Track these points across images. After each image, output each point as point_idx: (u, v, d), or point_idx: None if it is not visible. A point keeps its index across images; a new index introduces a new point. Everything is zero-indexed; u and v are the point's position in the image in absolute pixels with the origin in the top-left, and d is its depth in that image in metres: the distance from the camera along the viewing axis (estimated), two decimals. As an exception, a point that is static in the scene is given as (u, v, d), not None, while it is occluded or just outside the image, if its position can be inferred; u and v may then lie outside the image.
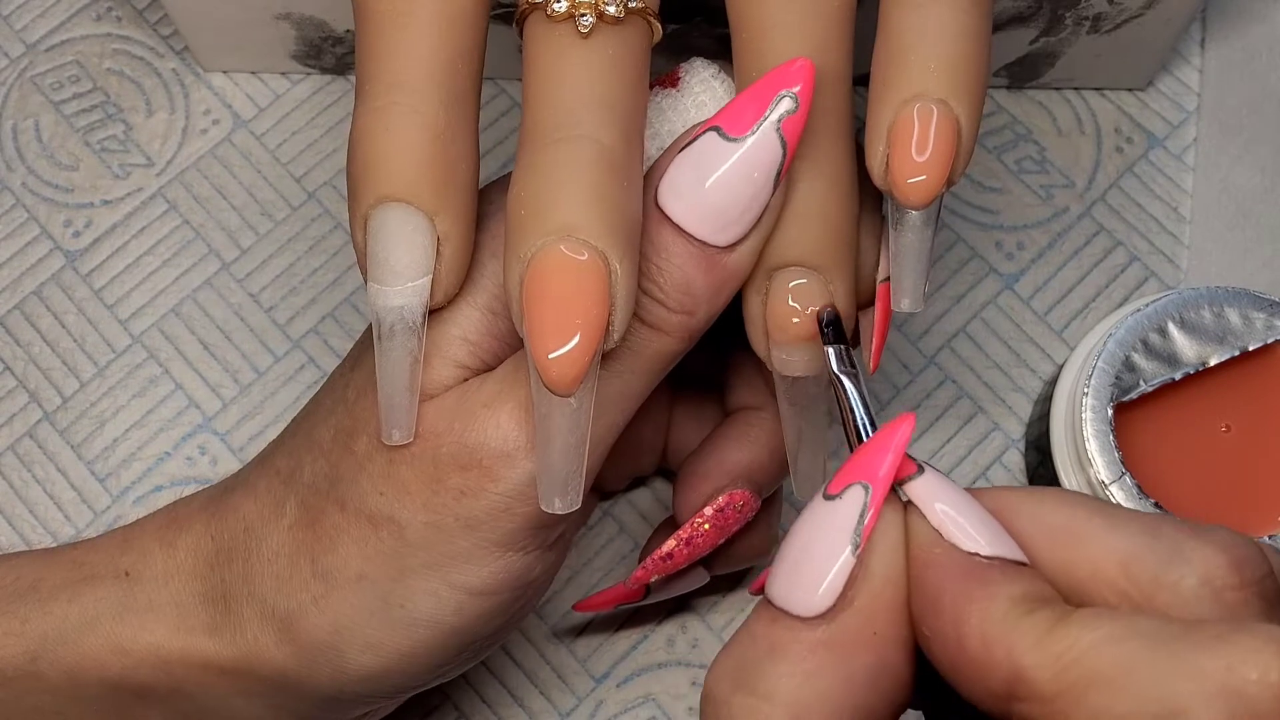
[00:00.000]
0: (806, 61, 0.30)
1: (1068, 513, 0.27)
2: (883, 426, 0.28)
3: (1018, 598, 0.25)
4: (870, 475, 0.27)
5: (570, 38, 0.30)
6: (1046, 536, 0.27)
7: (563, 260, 0.29)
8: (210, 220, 0.49)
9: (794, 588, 0.27)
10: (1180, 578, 0.25)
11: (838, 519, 0.27)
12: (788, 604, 0.27)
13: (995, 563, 0.26)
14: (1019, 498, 0.28)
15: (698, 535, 0.38)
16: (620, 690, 0.44)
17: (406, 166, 0.30)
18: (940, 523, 0.27)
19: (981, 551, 0.26)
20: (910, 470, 0.28)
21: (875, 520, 0.27)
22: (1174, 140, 0.50)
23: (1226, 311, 0.41)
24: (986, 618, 0.25)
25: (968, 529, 0.27)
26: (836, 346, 0.32)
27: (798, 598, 0.27)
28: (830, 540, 0.27)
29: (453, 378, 0.32)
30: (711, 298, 0.32)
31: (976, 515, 0.27)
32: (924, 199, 0.32)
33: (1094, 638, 0.24)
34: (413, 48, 0.30)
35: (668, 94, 0.34)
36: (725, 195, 0.31)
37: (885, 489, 0.27)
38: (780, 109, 0.30)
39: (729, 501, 0.38)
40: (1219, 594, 0.25)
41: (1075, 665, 0.24)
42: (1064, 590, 0.26)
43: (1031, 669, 0.25)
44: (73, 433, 0.46)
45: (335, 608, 0.32)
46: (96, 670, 0.34)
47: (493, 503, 0.31)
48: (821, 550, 0.27)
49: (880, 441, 0.28)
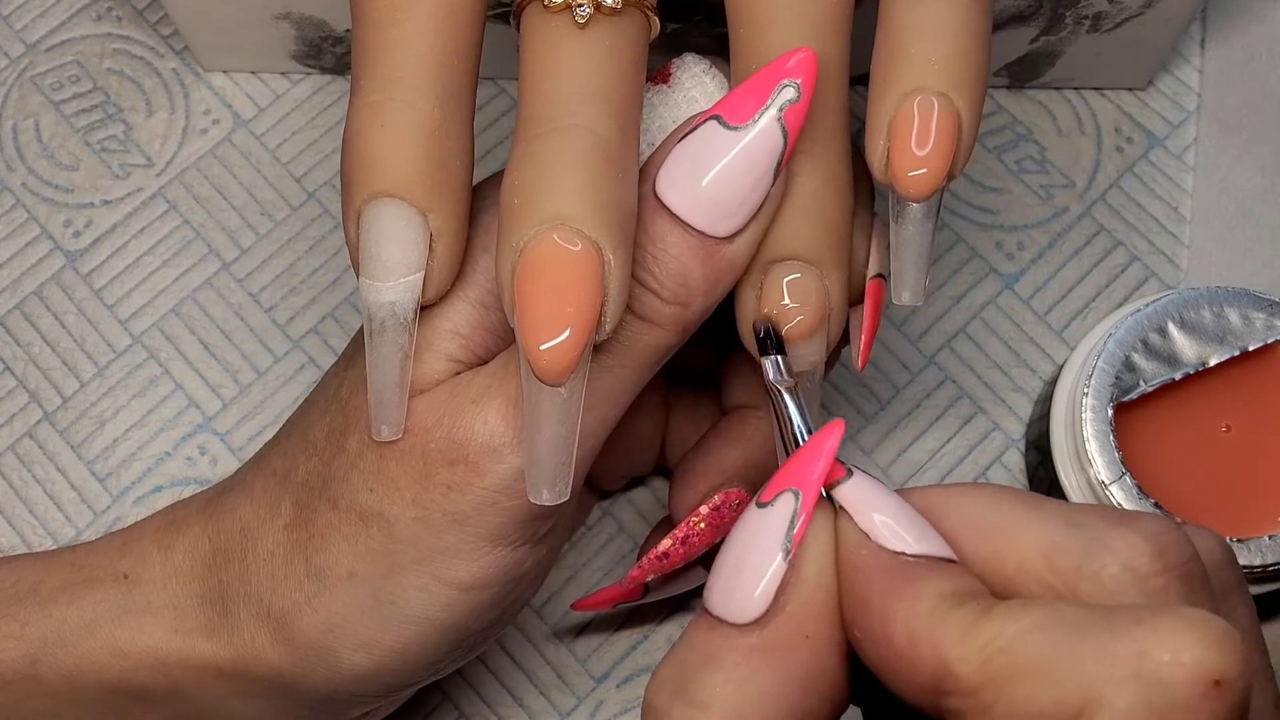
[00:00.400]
0: (809, 51, 0.30)
1: (992, 506, 0.27)
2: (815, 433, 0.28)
3: (944, 594, 0.26)
4: (800, 481, 0.28)
5: (567, 28, 0.30)
6: (973, 531, 0.27)
7: (556, 250, 0.29)
8: (210, 220, 0.49)
9: (728, 595, 0.27)
10: (1102, 566, 0.26)
11: (769, 526, 0.28)
12: (723, 612, 0.27)
13: (921, 560, 0.27)
14: (947, 494, 0.28)
15: (694, 534, 0.38)
16: (620, 690, 0.44)
17: (401, 163, 0.30)
18: (868, 524, 0.27)
19: (908, 550, 0.27)
20: (839, 474, 0.28)
21: (805, 525, 0.27)
22: (1174, 140, 0.50)
23: (1226, 311, 0.41)
24: (912, 615, 0.26)
25: (895, 528, 0.27)
26: (773, 358, 0.32)
27: (732, 605, 0.27)
28: (762, 547, 0.27)
29: (444, 371, 0.32)
30: (708, 289, 0.32)
31: (904, 515, 0.27)
32: (925, 192, 0.32)
33: (1016, 629, 0.24)
34: (409, 44, 0.30)
35: (659, 89, 0.34)
36: (725, 185, 0.31)
37: (815, 494, 0.28)
38: (782, 98, 0.30)
39: (725, 500, 0.38)
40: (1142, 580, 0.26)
41: (999, 656, 0.24)
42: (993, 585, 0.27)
43: (956, 662, 0.25)
44: (73, 433, 0.46)
45: (328, 606, 0.32)
46: (95, 673, 0.34)
47: (479, 498, 0.31)
48: (754, 557, 0.27)
49: (811, 448, 0.28)
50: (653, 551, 0.38)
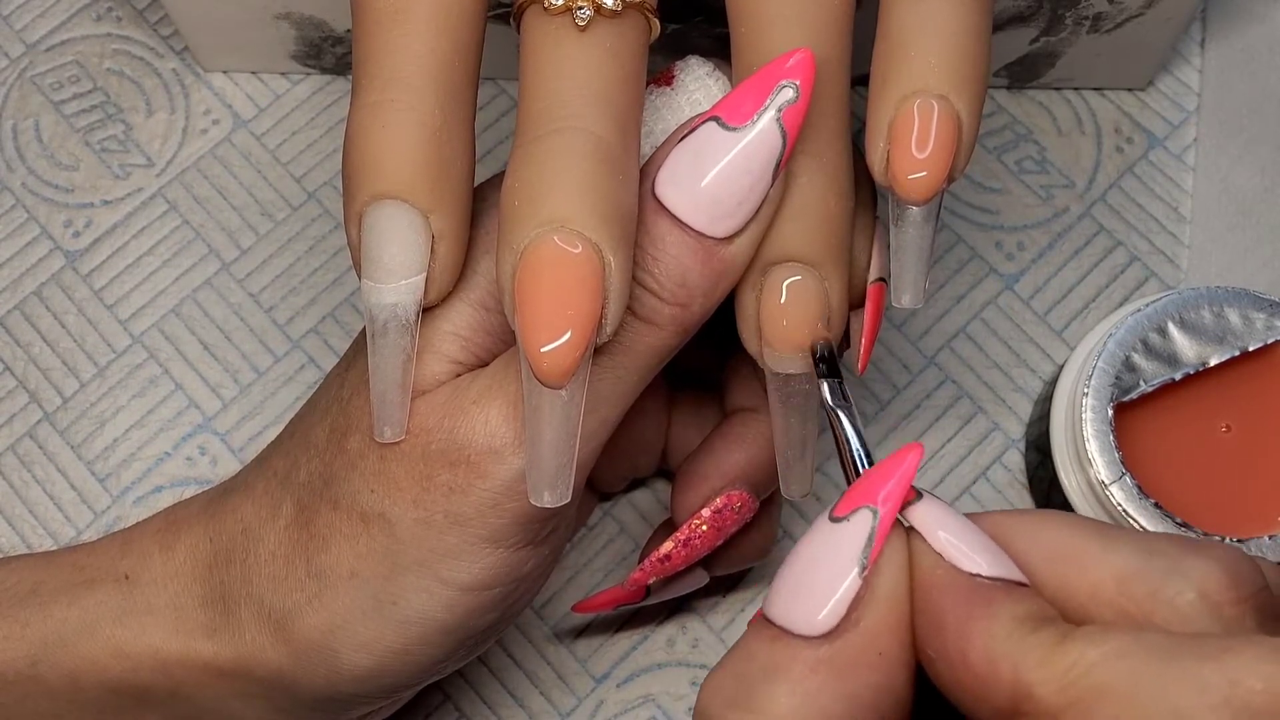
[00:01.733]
0: (807, 52, 0.30)
1: (1064, 533, 0.27)
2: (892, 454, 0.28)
3: (1021, 617, 0.26)
4: (878, 499, 0.28)
5: (567, 30, 0.30)
6: (1044, 557, 0.27)
7: (556, 252, 0.29)
8: (210, 220, 0.49)
9: (797, 607, 0.27)
10: (1177, 593, 0.26)
11: (845, 541, 0.27)
12: (789, 623, 0.27)
13: (997, 583, 0.26)
14: (1015, 520, 0.28)
15: (696, 536, 0.38)
16: (620, 690, 0.44)
17: (402, 164, 0.30)
18: (942, 546, 0.27)
19: (983, 573, 0.27)
20: (911, 496, 0.28)
21: (882, 543, 0.27)
22: (1174, 140, 0.50)
23: (1226, 311, 0.41)
24: (991, 637, 0.26)
25: (968, 551, 0.27)
26: (831, 380, 0.32)
27: (801, 617, 0.27)
28: (837, 561, 0.27)
29: (445, 373, 0.32)
30: (708, 290, 0.32)
31: (976, 538, 0.27)
32: (925, 195, 0.32)
33: (1099, 653, 0.24)
34: (409, 45, 0.30)
35: (662, 92, 0.34)
36: (724, 186, 0.31)
37: (894, 512, 0.27)
38: (781, 99, 0.30)
39: (727, 503, 0.38)
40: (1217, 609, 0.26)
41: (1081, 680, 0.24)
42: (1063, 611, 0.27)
43: (1037, 685, 0.25)
44: (73, 433, 0.46)
45: (329, 607, 0.32)
46: (96, 673, 0.34)
47: (481, 499, 0.31)
48: (827, 571, 0.27)
49: (888, 467, 0.28)
50: (655, 554, 0.38)
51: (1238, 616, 0.26)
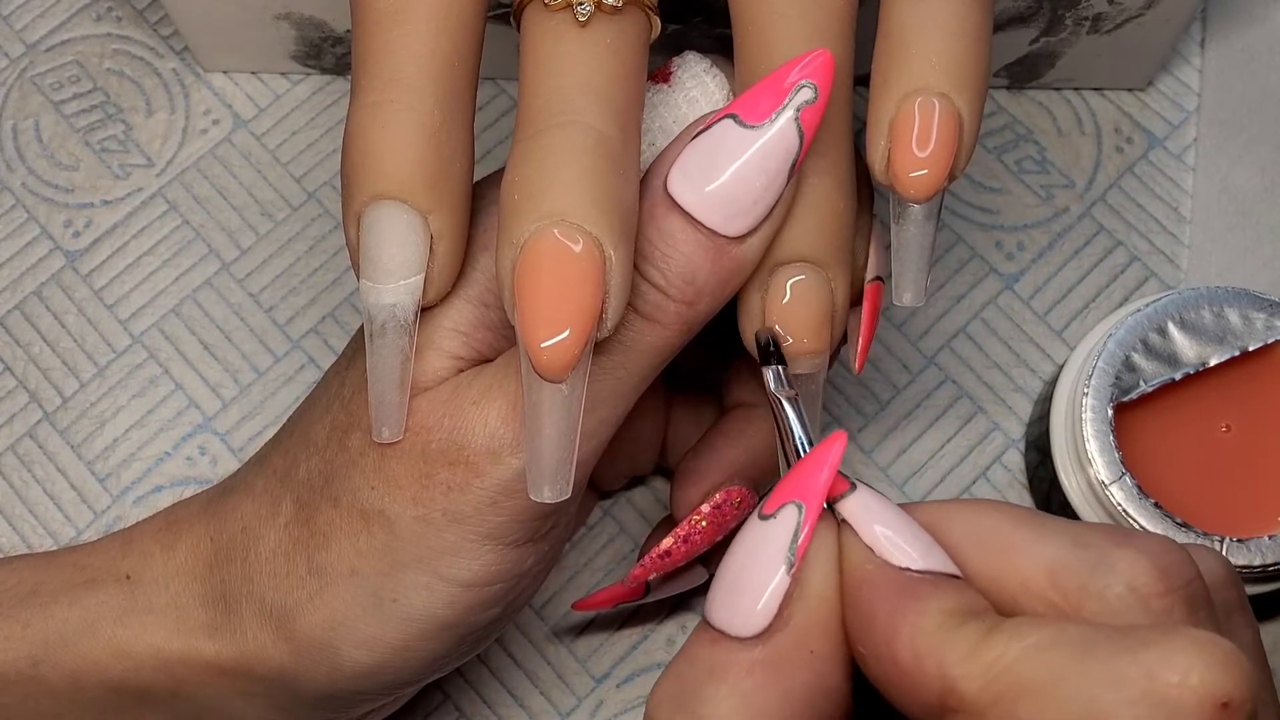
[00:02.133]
0: (826, 53, 0.30)
1: (997, 523, 0.27)
2: (818, 444, 0.28)
3: (949, 610, 0.26)
4: (803, 494, 0.28)
5: (568, 26, 0.30)
6: (977, 547, 0.27)
7: (556, 247, 0.28)
8: (210, 220, 0.49)
9: (731, 608, 0.27)
10: (1106, 586, 0.26)
11: (772, 538, 0.27)
12: (726, 625, 0.27)
13: (927, 577, 0.27)
14: (952, 510, 0.28)
15: (695, 532, 0.38)
16: (620, 690, 0.44)
17: (401, 164, 0.30)
18: (873, 539, 0.27)
19: (913, 566, 0.27)
20: (843, 488, 0.28)
21: (809, 538, 0.27)
22: (1174, 140, 0.50)
23: (1226, 311, 0.41)
24: (917, 631, 0.26)
25: (900, 544, 0.27)
26: (775, 368, 0.32)
27: (735, 618, 0.27)
28: (765, 560, 0.27)
29: (446, 369, 0.32)
30: (716, 289, 0.32)
31: (909, 530, 0.27)
32: (926, 193, 0.32)
33: (1022, 647, 0.25)
34: (409, 45, 0.30)
35: (659, 89, 0.34)
36: (739, 184, 0.31)
37: (818, 507, 0.27)
38: (800, 99, 0.30)
39: (726, 498, 0.38)
40: (1145, 600, 0.26)
41: (1005, 675, 0.24)
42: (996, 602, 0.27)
43: (962, 680, 0.25)
44: (73, 433, 0.46)
45: (329, 604, 0.32)
46: (97, 673, 0.34)
47: (479, 497, 0.31)
48: (757, 570, 0.27)
49: (814, 460, 0.28)
50: (655, 550, 0.38)
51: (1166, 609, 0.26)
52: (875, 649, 0.26)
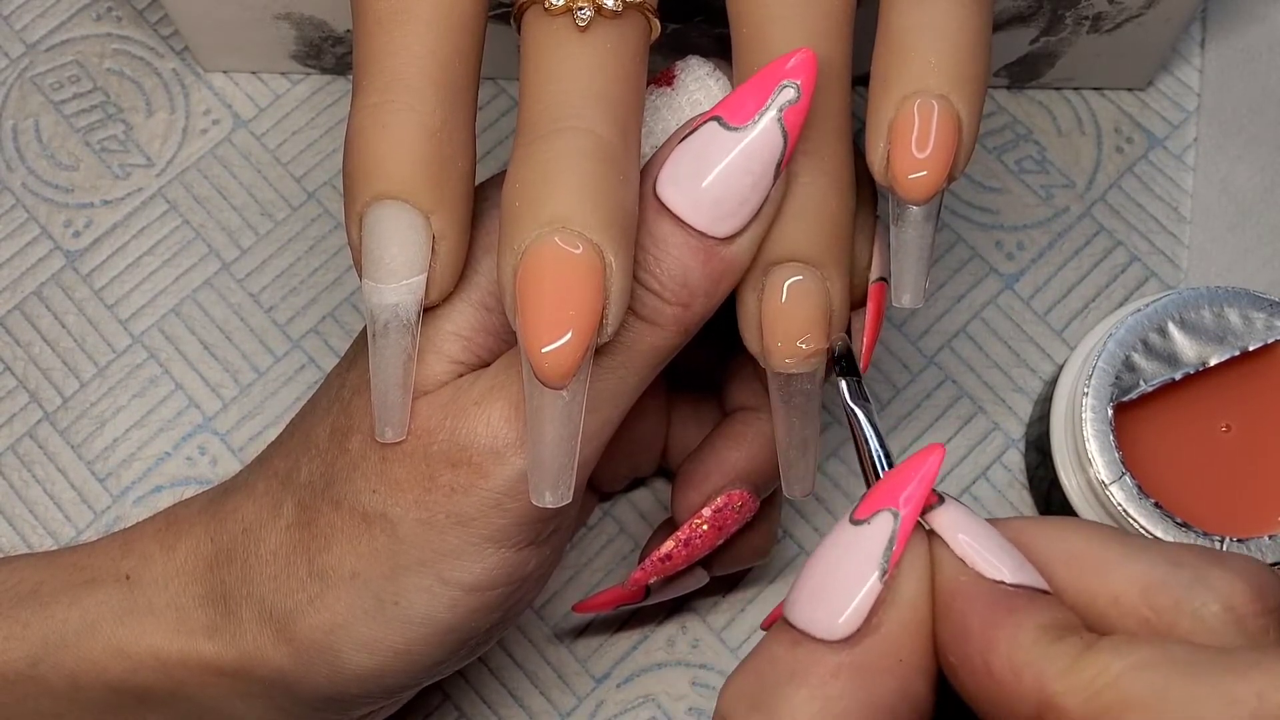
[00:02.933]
0: (809, 52, 0.30)
1: (1087, 541, 0.27)
2: (912, 455, 0.28)
3: (1045, 625, 0.26)
4: (899, 502, 0.27)
5: (568, 31, 0.30)
6: (1066, 564, 0.27)
7: (557, 253, 0.29)
8: (210, 220, 0.49)
9: (818, 610, 0.27)
10: (1203, 604, 0.26)
11: (866, 544, 0.27)
12: (810, 627, 0.27)
13: (1020, 591, 0.26)
14: (1037, 526, 0.28)
15: (696, 536, 0.38)
16: (620, 690, 0.44)
17: (403, 164, 0.30)
18: (965, 551, 0.27)
19: (1006, 580, 0.27)
20: (932, 500, 0.28)
21: (903, 546, 0.27)
22: (1174, 140, 0.50)
23: (1226, 311, 0.41)
24: (1015, 645, 0.25)
25: (990, 558, 0.27)
26: (850, 379, 0.32)
27: (821, 620, 0.27)
28: (857, 564, 0.27)
29: (447, 373, 0.32)
30: (709, 290, 0.32)
31: (998, 544, 0.27)
32: (925, 195, 0.32)
33: (1124, 664, 0.24)
34: (410, 46, 0.30)
35: (662, 92, 0.34)
36: (725, 185, 0.31)
37: (914, 516, 0.27)
38: (782, 99, 0.30)
39: (727, 502, 0.38)
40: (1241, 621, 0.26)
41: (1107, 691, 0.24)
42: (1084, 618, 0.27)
43: (1062, 695, 0.25)
44: (73, 433, 0.46)
45: (330, 607, 0.32)
46: (97, 674, 0.34)
47: (483, 499, 0.31)
48: (848, 574, 0.27)
49: (909, 469, 0.28)
50: (655, 553, 0.38)
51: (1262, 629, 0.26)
52: (970, 660, 0.26)
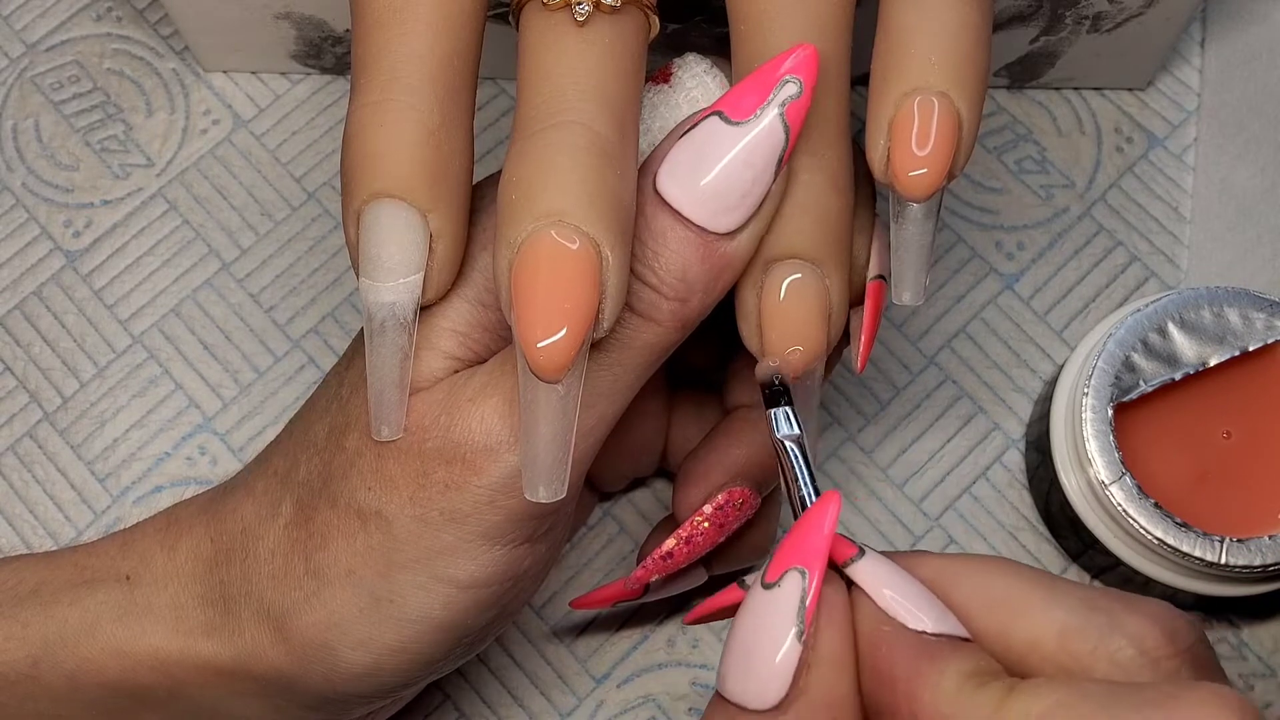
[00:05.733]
0: (811, 48, 0.30)
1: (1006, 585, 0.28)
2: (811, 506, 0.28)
3: (968, 672, 0.26)
4: (804, 559, 0.28)
5: (566, 26, 0.30)
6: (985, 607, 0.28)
7: (553, 247, 0.28)
8: (210, 220, 0.49)
9: (745, 680, 0.27)
10: (1118, 649, 0.26)
11: (779, 606, 0.27)
12: (742, 698, 0.27)
13: (942, 639, 0.27)
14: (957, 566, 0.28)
15: (698, 533, 0.38)
16: (620, 690, 0.44)
17: (400, 163, 0.30)
18: (888, 604, 0.27)
19: (928, 630, 0.27)
20: (850, 552, 0.28)
21: (815, 603, 0.27)
22: (1174, 140, 0.50)
23: (1226, 311, 0.41)
24: (939, 693, 0.26)
25: (912, 609, 0.27)
26: (783, 409, 0.32)
27: (750, 690, 0.27)
28: (775, 628, 0.27)
29: (442, 369, 0.32)
30: (707, 285, 0.32)
31: (920, 594, 0.28)
32: (925, 192, 0.32)
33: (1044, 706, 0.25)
34: (409, 44, 0.30)
35: (660, 89, 0.34)
36: (726, 180, 0.31)
37: (821, 571, 0.28)
38: (784, 94, 0.30)
39: (729, 499, 0.38)
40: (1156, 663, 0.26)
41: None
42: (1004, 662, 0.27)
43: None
44: (73, 433, 0.46)
45: (326, 604, 0.32)
46: (96, 673, 0.34)
47: (477, 496, 0.31)
48: (767, 639, 0.27)
49: (810, 522, 0.28)
50: (657, 551, 0.38)
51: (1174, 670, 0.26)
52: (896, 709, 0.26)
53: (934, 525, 0.45)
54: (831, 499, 0.28)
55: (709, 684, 0.44)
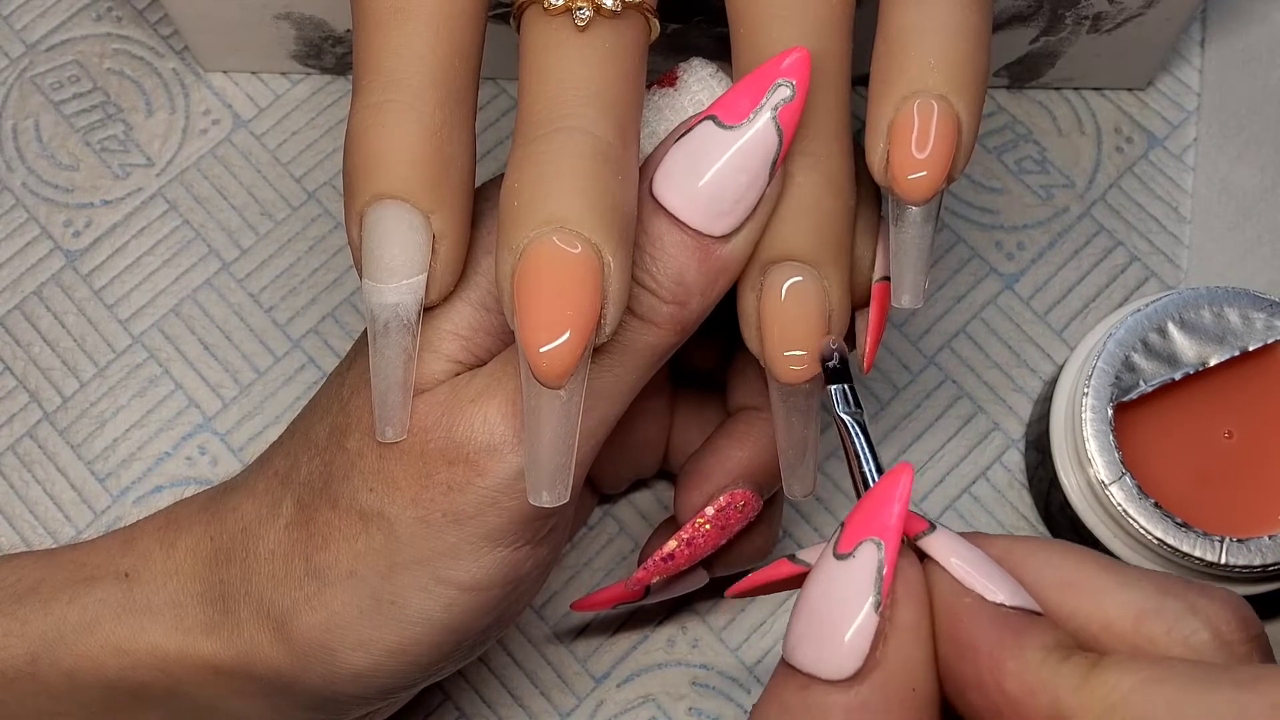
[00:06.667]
0: (803, 50, 0.31)
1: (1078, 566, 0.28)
2: (882, 477, 0.28)
3: (1050, 645, 0.26)
4: (880, 530, 0.27)
5: (567, 31, 0.30)
6: (1058, 589, 0.27)
7: (555, 252, 0.29)
8: (210, 220, 0.49)
9: (819, 651, 0.27)
10: (1194, 632, 0.26)
11: (854, 577, 0.27)
12: (814, 668, 0.27)
13: (1020, 613, 0.27)
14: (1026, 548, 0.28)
15: (699, 535, 0.38)
16: (620, 690, 0.44)
17: (402, 164, 0.30)
18: (962, 575, 0.27)
19: (1005, 602, 0.27)
20: (922, 526, 0.28)
21: (892, 574, 0.27)
22: (1174, 140, 0.50)
23: (1226, 311, 0.41)
24: (1024, 665, 0.26)
25: (987, 582, 0.27)
26: (840, 386, 0.32)
27: (825, 661, 0.27)
28: (850, 599, 0.27)
29: (444, 372, 0.32)
30: (705, 288, 0.32)
31: (993, 568, 0.27)
32: (924, 195, 0.32)
33: (1135, 680, 0.25)
34: (410, 45, 0.30)
35: (665, 93, 0.34)
36: (720, 184, 0.31)
37: (897, 542, 0.27)
38: (776, 97, 0.30)
39: (730, 501, 0.38)
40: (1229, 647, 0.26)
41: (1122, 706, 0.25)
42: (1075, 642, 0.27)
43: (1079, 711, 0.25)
44: (73, 433, 0.46)
45: (327, 605, 0.32)
46: (95, 671, 0.34)
47: (480, 497, 0.31)
48: (842, 610, 0.27)
49: (883, 494, 0.28)
50: (658, 553, 0.38)
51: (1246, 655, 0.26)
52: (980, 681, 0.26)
53: (934, 525, 0.45)
54: (905, 471, 0.28)
55: (709, 684, 0.44)
